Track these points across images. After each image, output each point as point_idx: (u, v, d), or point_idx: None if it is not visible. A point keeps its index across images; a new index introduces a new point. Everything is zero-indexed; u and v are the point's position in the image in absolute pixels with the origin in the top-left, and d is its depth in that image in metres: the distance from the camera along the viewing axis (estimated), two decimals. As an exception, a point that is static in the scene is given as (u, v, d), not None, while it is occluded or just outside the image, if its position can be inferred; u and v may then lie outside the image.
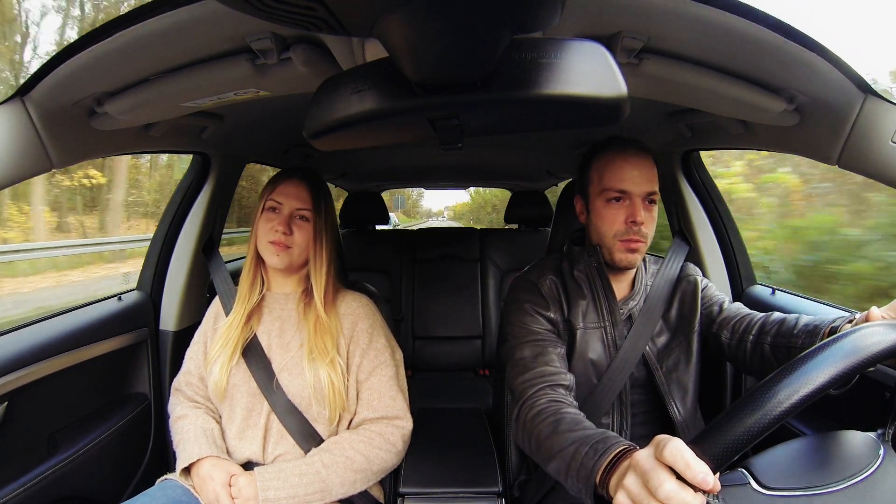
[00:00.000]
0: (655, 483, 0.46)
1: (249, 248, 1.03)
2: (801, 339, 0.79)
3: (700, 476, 0.44)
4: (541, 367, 0.87)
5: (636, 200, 0.90)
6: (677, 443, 0.46)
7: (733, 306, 0.97)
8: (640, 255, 0.93)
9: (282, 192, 0.99)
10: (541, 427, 0.76)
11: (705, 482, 0.44)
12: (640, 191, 0.90)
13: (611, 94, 0.43)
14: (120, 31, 0.60)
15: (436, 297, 2.39)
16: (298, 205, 0.99)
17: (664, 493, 0.45)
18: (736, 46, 0.64)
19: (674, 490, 0.45)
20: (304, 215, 0.99)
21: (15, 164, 0.70)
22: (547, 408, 0.80)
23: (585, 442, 0.65)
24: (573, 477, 0.64)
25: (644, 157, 0.92)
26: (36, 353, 0.99)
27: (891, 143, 0.68)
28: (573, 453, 0.66)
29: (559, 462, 0.68)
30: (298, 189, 0.99)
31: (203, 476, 0.90)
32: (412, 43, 0.39)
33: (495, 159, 2.16)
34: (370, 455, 0.94)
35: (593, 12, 0.59)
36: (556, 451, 0.70)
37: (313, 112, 0.50)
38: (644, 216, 0.90)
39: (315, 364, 0.94)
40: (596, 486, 0.60)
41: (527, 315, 0.95)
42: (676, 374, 0.95)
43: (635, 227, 0.90)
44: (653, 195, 0.92)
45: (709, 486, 0.44)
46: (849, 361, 0.45)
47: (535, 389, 0.84)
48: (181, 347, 1.14)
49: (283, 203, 0.99)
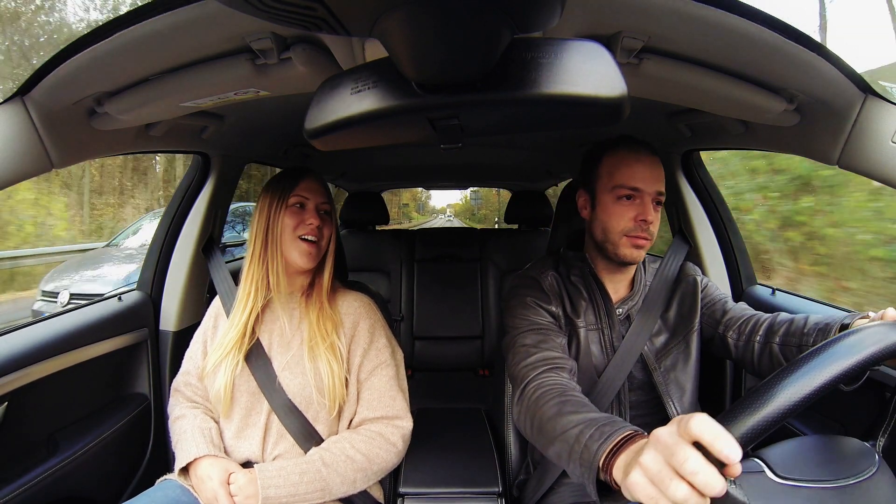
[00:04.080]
0: (681, 457, 0.43)
1: (253, 251, 0.99)
2: (813, 338, 0.79)
3: (728, 448, 0.42)
4: (544, 353, 0.87)
5: (647, 199, 0.91)
6: (705, 416, 0.44)
7: (738, 307, 0.97)
8: (645, 252, 0.94)
9: (305, 188, 0.99)
10: (545, 408, 0.75)
11: (734, 454, 0.41)
12: (651, 189, 0.91)
13: (611, 94, 0.43)
14: (120, 31, 0.60)
15: (436, 297, 2.38)
16: (321, 199, 1.00)
17: (690, 468, 0.42)
18: (736, 46, 0.64)
19: (700, 465, 0.42)
20: (327, 209, 1.01)
21: (15, 164, 0.70)
22: (552, 389, 0.78)
23: (591, 424, 0.63)
24: (575, 461, 0.62)
25: (654, 158, 0.94)
26: (36, 353, 0.99)
27: (891, 143, 0.68)
28: (577, 435, 0.64)
29: (561, 444, 0.66)
30: (318, 184, 1.01)
31: (201, 475, 0.90)
32: (412, 43, 0.39)
33: (495, 159, 2.16)
34: (370, 454, 0.94)
35: (593, 12, 0.59)
36: (560, 432, 0.68)
37: (313, 112, 0.50)
38: (653, 215, 0.91)
39: (316, 358, 0.95)
40: (599, 471, 0.58)
41: (529, 308, 0.95)
42: (675, 374, 0.96)
43: (644, 225, 0.91)
44: (661, 195, 0.93)
45: (736, 461, 0.42)
46: (881, 346, 0.46)
47: (538, 371, 0.84)
48: (181, 347, 1.14)
49: (309, 198, 0.99)
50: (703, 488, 0.42)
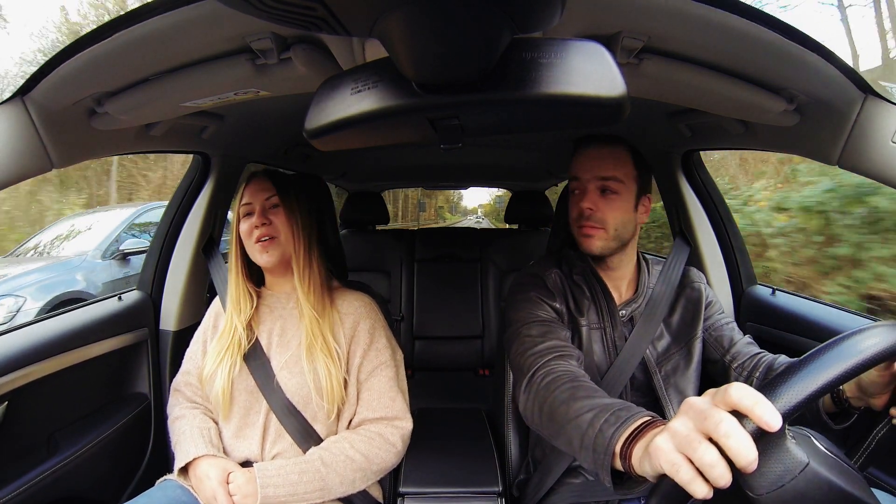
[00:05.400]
0: (715, 419, 0.41)
1: (232, 261, 1.04)
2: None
3: (769, 414, 0.40)
4: (551, 342, 0.86)
5: (587, 186, 0.93)
6: (743, 384, 0.43)
7: (742, 341, 0.97)
8: (599, 241, 0.92)
9: (249, 193, 1.02)
10: (556, 393, 0.73)
11: (775, 421, 0.40)
12: (589, 175, 0.92)
13: (611, 94, 0.43)
14: (120, 31, 0.59)
15: (436, 297, 2.38)
16: (265, 195, 1.01)
17: (724, 429, 0.40)
18: (736, 46, 0.64)
19: (735, 428, 0.40)
20: (274, 202, 1.01)
21: (15, 164, 0.70)
22: (563, 375, 0.77)
23: (605, 409, 0.61)
24: (588, 447, 0.59)
25: (601, 147, 0.94)
26: (36, 353, 0.99)
27: (891, 143, 0.68)
28: (591, 420, 0.61)
29: (573, 430, 0.64)
30: (262, 184, 1.02)
31: (199, 475, 0.90)
32: (412, 43, 0.39)
33: (495, 159, 2.16)
34: (370, 454, 0.94)
35: (593, 12, 0.59)
36: (573, 416, 0.65)
37: (313, 112, 0.50)
38: (596, 202, 0.91)
39: (314, 360, 0.94)
40: (614, 458, 0.55)
41: (533, 302, 0.95)
42: (675, 379, 0.95)
43: (585, 213, 0.92)
44: (608, 181, 0.92)
45: (776, 428, 0.40)
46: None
47: (547, 358, 0.82)
48: (181, 347, 1.14)
49: (252, 201, 1.00)
50: (735, 452, 0.40)
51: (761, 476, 0.42)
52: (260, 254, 0.99)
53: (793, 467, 0.42)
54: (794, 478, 0.42)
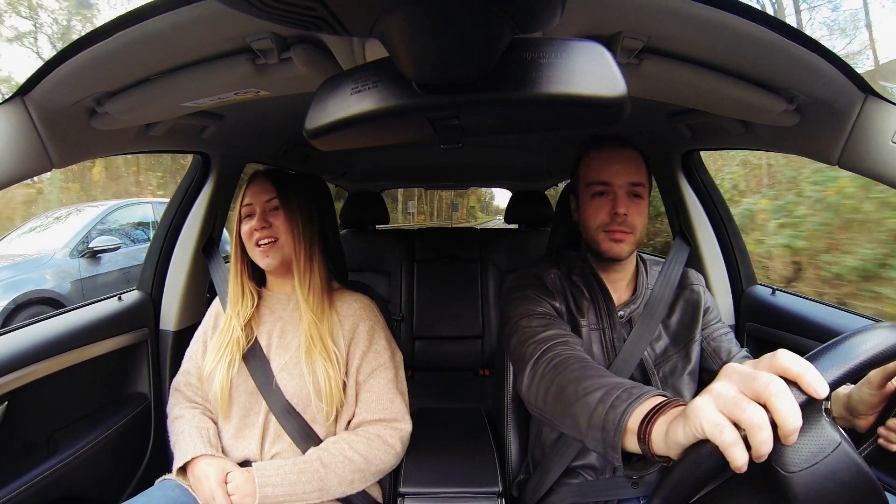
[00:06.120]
0: (765, 380, 0.40)
1: (233, 260, 1.04)
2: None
3: (818, 382, 0.39)
4: (552, 331, 0.86)
5: (619, 192, 0.91)
6: (790, 352, 0.42)
7: (739, 354, 0.97)
8: (628, 245, 0.92)
9: (250, 194, 1.02)
10: (566, 372, 0.71)
11: (822, 389, 0.39)
12: (622, 181, 0.91)
13: (611, 94, 0.43)
14: (120, 31, 0.60)
15: (436, 297, 2.38)
16: (266, 197, 1.01)
17: (775, 388, 0.39)
18: (736, 46, 0.64)
19: (786, 388, 0.39)
20: (274, 205, 1.01)
21: (15, 164, 0.70)
22: (571, 356, 0.76)
23: (617, 387, 0.59)
24: (596, 427, 0.57)
25: (625, 151, 0.94)
26: (36, 353, 0.99)
27: (891, 143, 0.68)
28: (601, 398, 0.59)
29: (581, 409, 0.62)
30: (263, 185, 1.02)
31: (198, 475, 0.90)
32: (412, 43, 0.39)
33: (495, 159, 2.16)
34: (369, 455, 0.94)
35: (593, 12, 0.59)
36: (581, 395, 0.63)
37: (313, 112, 0.50)
38: (628, 207, 0.91)
39: (313, 363, 0.94)
40: (625, 435, 0.53)
41: (532, 300, 0.95)
42: (672, 381, 0.95)
43: (619, 218, 0.91)
44: (637, 186, 0.92)
45: (823, 396, 0.39)
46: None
47: (551, 343, 0.82)
48: (181, 347, 1.14)
49: (253, 202, 1.01)
50: (783, 416, 0.38)
51: (795, 452, 0.41)
52: (261, 257, 1.00)
53: (826, 445, 0.41)
54: (826, 456, 0.41)
